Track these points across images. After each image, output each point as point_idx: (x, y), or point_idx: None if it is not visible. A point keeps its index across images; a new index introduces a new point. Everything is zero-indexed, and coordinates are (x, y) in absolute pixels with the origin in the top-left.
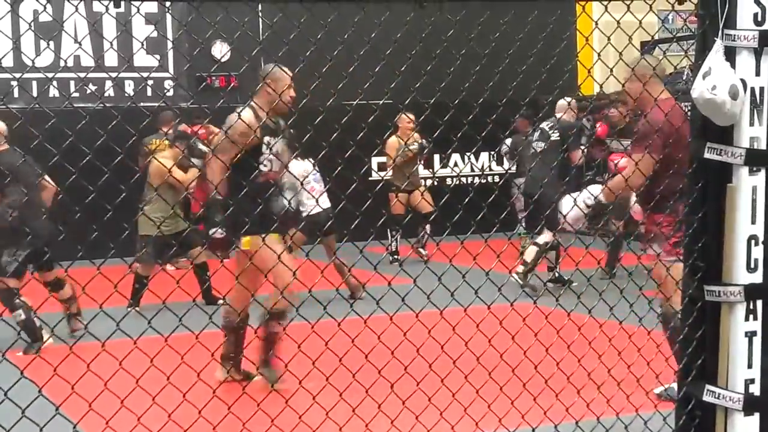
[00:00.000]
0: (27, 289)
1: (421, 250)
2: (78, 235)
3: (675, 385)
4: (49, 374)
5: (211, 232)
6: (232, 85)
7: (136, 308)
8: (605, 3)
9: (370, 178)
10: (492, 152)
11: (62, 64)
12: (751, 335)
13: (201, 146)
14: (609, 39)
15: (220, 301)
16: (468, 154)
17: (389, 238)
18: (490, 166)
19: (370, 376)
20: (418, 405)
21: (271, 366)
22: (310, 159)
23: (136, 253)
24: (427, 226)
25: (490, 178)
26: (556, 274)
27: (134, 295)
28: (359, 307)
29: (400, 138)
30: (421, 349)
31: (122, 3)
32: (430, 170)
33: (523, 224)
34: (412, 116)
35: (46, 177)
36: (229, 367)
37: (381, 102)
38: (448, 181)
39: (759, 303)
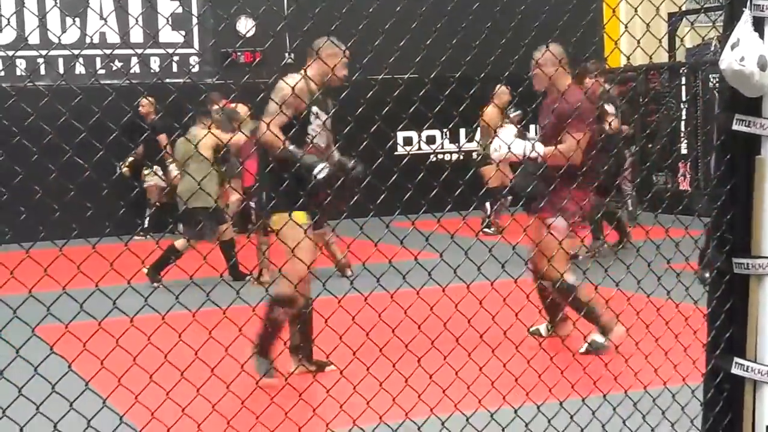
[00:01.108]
0: None
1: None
2: (105, 212)
3: (597, 336)
4: (78, 350)
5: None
6: (257, 60)
7: (162, 283)
8: None
9: (395, 153)
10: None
11: (88, 40)
12: None
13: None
14: (636, 10)
15: (249, 277)
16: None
17: (488, 210)
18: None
19: (391, 350)
20: (444, 379)
21: (267, 356)
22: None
23: (186, 227)
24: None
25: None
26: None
27: (160, 266)
28: (374, 282)
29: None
30: (447, 324)
31: None
32: (456, 145)
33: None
34: (509, 88)
35: None
36: (300, 358)
37: (406, 76)
38: (474, 155)
39: None
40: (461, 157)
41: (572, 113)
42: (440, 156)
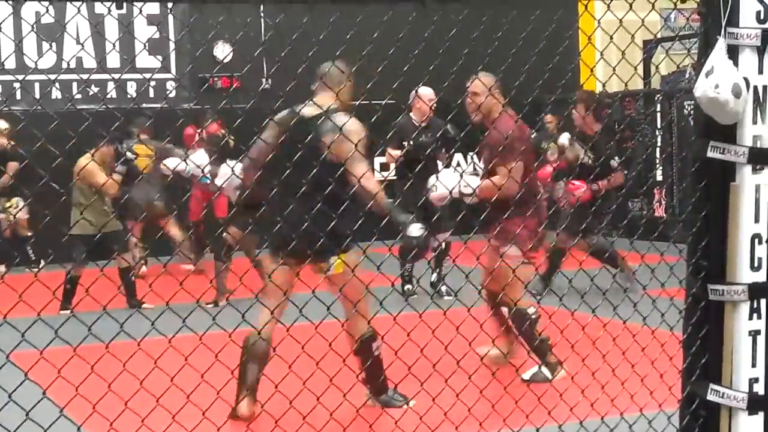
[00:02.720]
0: None
1: None
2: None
3: (544, 369)
4: (53, 376)
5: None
6: (234, 85)
7: (70, 310)
8: (607, 2)
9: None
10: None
11: (64, 65)
12: (754, 334)
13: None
14: (611, 38)
15: (145, 305)
16: (471, 154)
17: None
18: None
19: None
20: (422, 405)
21: (387, 387)
22: None
23: (72, 254)
24: None
25: None
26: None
27: (66, 297)
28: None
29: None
30: (425, 350)
31: (124, 4)
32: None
33: None
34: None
35: None
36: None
37: (384, 102)
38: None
39: (763, 302)
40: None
41: (502, 142)
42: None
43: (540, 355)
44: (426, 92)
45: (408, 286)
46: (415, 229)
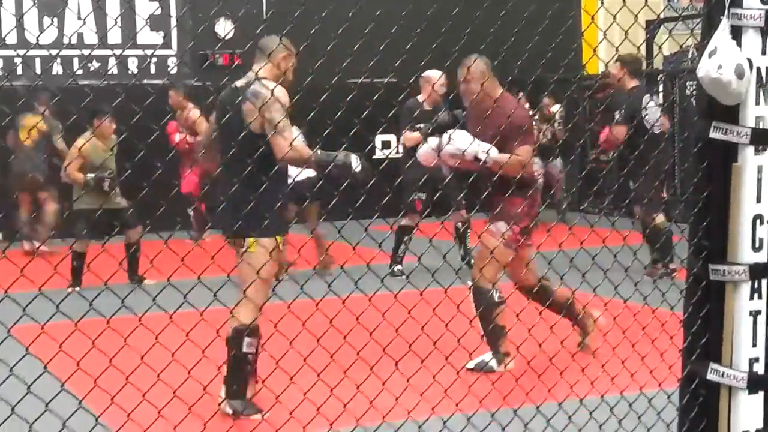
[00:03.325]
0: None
1: None
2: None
3: (488, 358)
4: (54, 351)
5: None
6: (235, 62)
7: (77, 288)
8: None
9: (374, 157)
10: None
11: (66, 41)
12: (755, 314)
13: None
14: (614, 17)
15: (146, 281)
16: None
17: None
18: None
19: (372, 353)
20: (422, 382)
21: (244, 395)
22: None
23: (74, 228)
24: None
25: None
26: None
27: (75, 275)
28: (366, 285)
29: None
30: (425, 327)
31: None
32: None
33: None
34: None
35: None
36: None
37: (386, 80)
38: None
39: (764, 282)
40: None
41: (521, 124)
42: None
43: (491, 342)
44: (436, 75)
45: (398, 267)
46: (355, 162)
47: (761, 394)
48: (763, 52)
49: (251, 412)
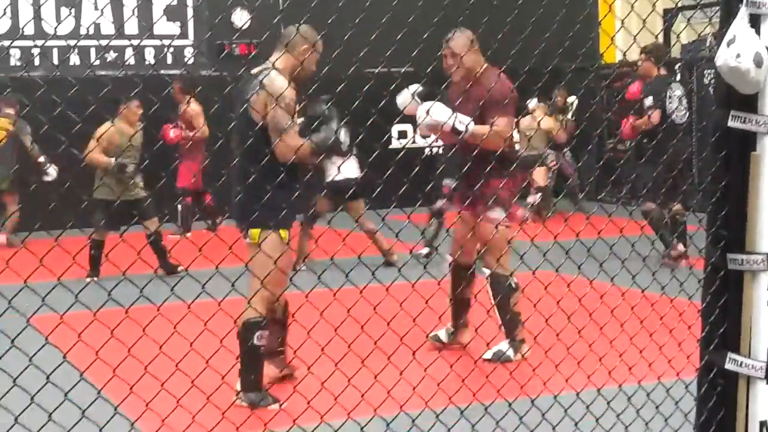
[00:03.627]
0: None
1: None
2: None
3: (505, 347)
4: (73, 340)
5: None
6: (252, 52)
7: (95, 278)
8: None
9: (390, 147)
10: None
11: (83, 31)
12: None
13: None
14: (632, 6)
15: (180, 268)
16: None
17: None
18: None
19: (390, 343)
20: (439, 372)
21: (259, 388)
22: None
23: (92, 217)
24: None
25: None
26: None
27: (93, 264)
28: (379, 274)
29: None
30: (442, 316)
31: None
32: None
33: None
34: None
35: None
36: (279, 360)
37: (403, 70)
38: None
39: None
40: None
41: (502, 97)
42: (435, 150)
43: (508, 330)
44: None
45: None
46: (343, 135)
47: None
48: None
49: (268, 403)
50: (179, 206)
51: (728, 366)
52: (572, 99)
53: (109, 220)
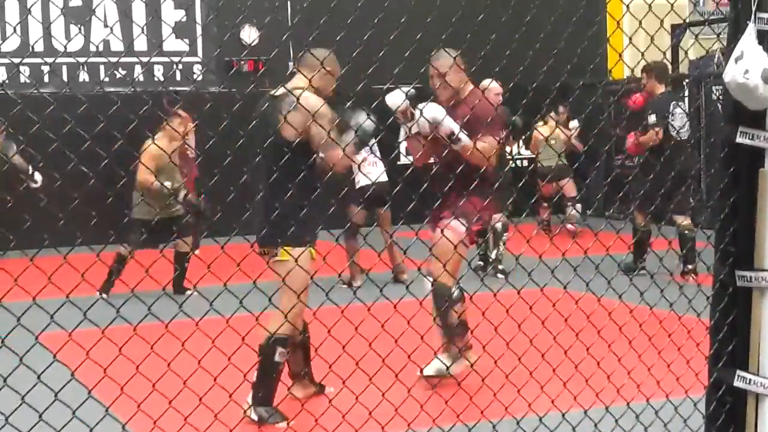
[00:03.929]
0: None
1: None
2: (110, 220)
3: (444, 359)
4: (81, 358)
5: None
6: (261, 70)
7: (104, 295)
8: None
9: (398, 163)
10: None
11: (92, 48)
12: None
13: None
14: (640, 22)
15: (189, 292)
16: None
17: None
18: (519, 152)
19: (398, 360)
20: (447, 390)
21: (270, 403)
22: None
23: (128, 235)
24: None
25: (519, 163)
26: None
27: (108, 277)
28: (389, 291)
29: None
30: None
31: None
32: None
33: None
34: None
35: None
36: (303, 381)
37: (411, 86)
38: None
39: None
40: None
41: (487, 116)
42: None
43: (447, 339)
44: (495, 86)
45: (481, 263)
46: (369, 124)
47: None
48: None
49: (276, 420)
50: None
51: (737, 383)
52: (575, 124)
53: (146, 239)
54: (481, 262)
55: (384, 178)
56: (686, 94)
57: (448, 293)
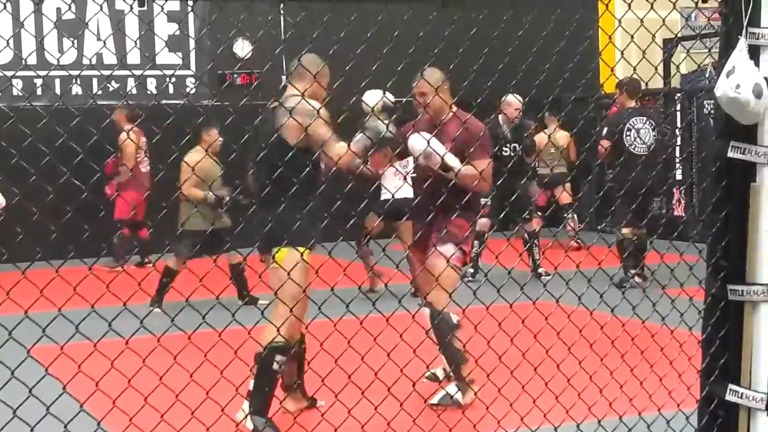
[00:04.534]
0: None
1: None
2: (102, 233)
3: (453, 389)
4: (73, 371)
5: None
6: (254, 83)
7: (158, 308)
8: (628, 1)
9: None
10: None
11: (85, 62)
12: None
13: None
14: (632, 37)
15: (261, 302)
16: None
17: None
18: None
19: (390, 374)
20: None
21: (266, 413)
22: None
23: (176, 246)
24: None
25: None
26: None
27: (159, 291)
28: (380, 305)
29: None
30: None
31: (146, 1)
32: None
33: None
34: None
35: None
36: (296, 393)
37: (404, 100)
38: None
39: None
40: None
41: (479, 138)
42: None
43: (455, 371)
44: (513, 100)
45: (472, 270)
46: (386, 131)
47: None
48: None
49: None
50: (115, 239)
51: (729, 397)
52: (564, 134)
53: (198, 250)
54: (472, 269)
55: (410, 194)
56: (678, 108)
57: (448, 321)
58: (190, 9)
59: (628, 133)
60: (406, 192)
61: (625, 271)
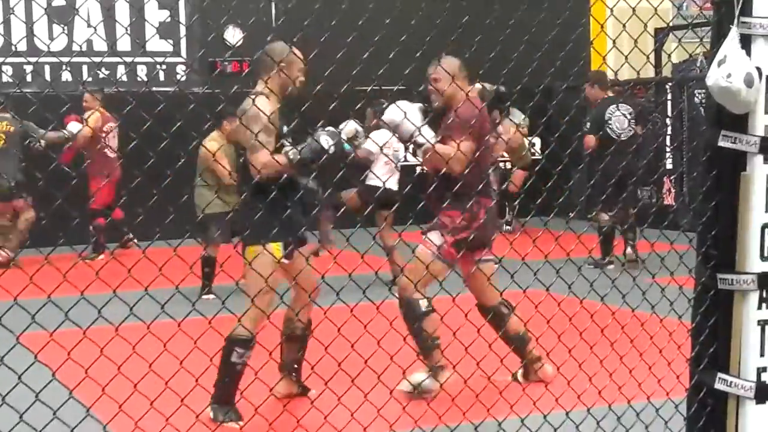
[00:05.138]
0: None
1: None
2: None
3: (421, 376)
4: (62, 358)
5: None
6: (245, 70)
7: (211, 295)
8: None
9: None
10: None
11: (75, 48)
12: (763, 324)
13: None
14: (624, 26)
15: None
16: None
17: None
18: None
19: (381, 361)
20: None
21: (228, 403)
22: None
23: (203, 235)
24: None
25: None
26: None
27: (207, 279)
28: (372, 292)
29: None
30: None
31: None
32: None
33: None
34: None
35: None
36: (288, 375)
37: (395, 88)
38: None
39: None
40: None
41: (464, 120)
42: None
43: (425, 356)
44: (479, 87)
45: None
46: (326, 142)
47: None
48: None
49: (231, 419)
50: (91, 228)
51: (718, 386)
52: (521, 118)
53: (222, 233)
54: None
55: (395, 187)
56: (669, 97)
57: (417, 308)
58: None
59: (609, 123)
60: (393, 183)
61: (603, 256)
